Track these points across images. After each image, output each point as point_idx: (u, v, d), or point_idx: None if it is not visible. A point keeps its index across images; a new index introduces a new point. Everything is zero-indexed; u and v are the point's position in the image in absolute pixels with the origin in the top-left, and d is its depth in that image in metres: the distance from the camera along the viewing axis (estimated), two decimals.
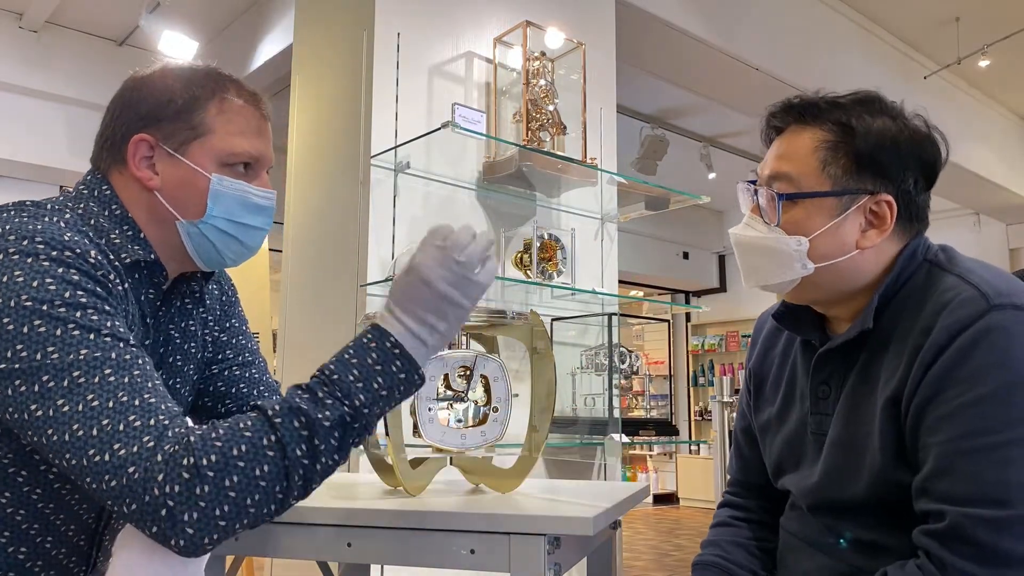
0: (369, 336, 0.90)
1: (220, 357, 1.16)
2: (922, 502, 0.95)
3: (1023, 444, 0.90)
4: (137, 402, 0.80)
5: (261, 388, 1.17)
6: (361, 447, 1.25)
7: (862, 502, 1.03)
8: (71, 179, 5.43)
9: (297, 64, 2.87)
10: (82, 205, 0.98)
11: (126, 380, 0.81)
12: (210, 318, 1.14)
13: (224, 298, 1.21)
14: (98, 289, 0.87)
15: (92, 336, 0.82)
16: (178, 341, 1.07)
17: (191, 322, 1.09)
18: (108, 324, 0.84)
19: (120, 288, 0.92)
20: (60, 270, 0.85)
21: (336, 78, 2.59)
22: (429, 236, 0.96)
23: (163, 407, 0.82)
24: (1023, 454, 0.89)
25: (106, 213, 0.98)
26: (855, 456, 1.03)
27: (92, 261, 0.88)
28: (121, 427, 0.78)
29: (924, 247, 1.08)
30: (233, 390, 1.15)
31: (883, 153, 1.05)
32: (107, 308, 0.86)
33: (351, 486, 1.29)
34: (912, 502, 0.97)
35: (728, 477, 1.37)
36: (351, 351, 0.89)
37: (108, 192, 1.00)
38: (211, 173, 1.00)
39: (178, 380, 1.07)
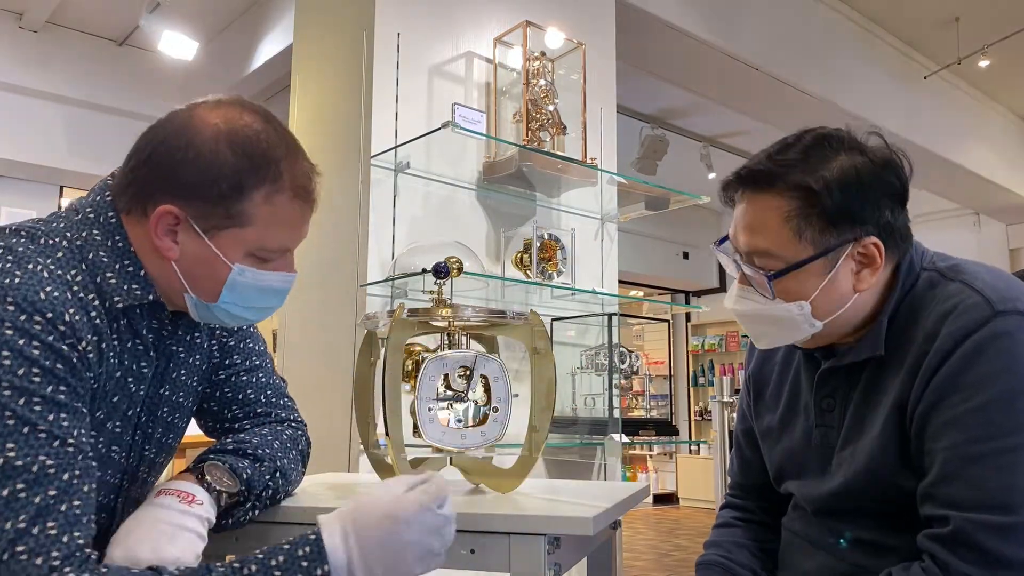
0: (306, 554, 0.83)
1: (227, 363, 1.13)
2: (927, 507, 0.96)
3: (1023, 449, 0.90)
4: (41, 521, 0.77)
5: (268, 392, 1.15)
6: (361, 447, 1.25)
7: (867, 506, 1.04)
8: (71, 179, 5.44)
9: (297, 64, 2.87)
10: (83, 233, 0.91)
11: (36, 496, 0.77)
12: (217, 326, 1.11)
13: None
14: (58, 366, 0.82)
15: (26, 431, 0.78)
16: (183, 355, 1.04)
17: (197, 334, 1.07)
18: (50, 417, 0.80)
19: (92, 352, 0.87)
20: (21, 342, 0.79)
21: (336, 78, 2.59)
22: (424, 497, 0.87)
23: (78, 527, 0.79)
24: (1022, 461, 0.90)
25: (108, 244, 0.92)
26: (863, 464, 1.03)
27: (62, 328, 0.82)
28: (34, 531, 0.76)
29: (920, 254, 1.09)
30: (240, 396, 1.13)
31: (852, 201, 1.02)
32: (61, 389, 0.82)
33: (351, 486, 1.30)
34: (916, 505, 0.98)
35: (729, 479, 1.38)
36: (280, 565, 0.82)
37: (114, 221, 0.93)
38: (234, 263, 0.93)
39: (181, 393, 1.05)
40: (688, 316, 9.37)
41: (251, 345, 1.16)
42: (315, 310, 2.53)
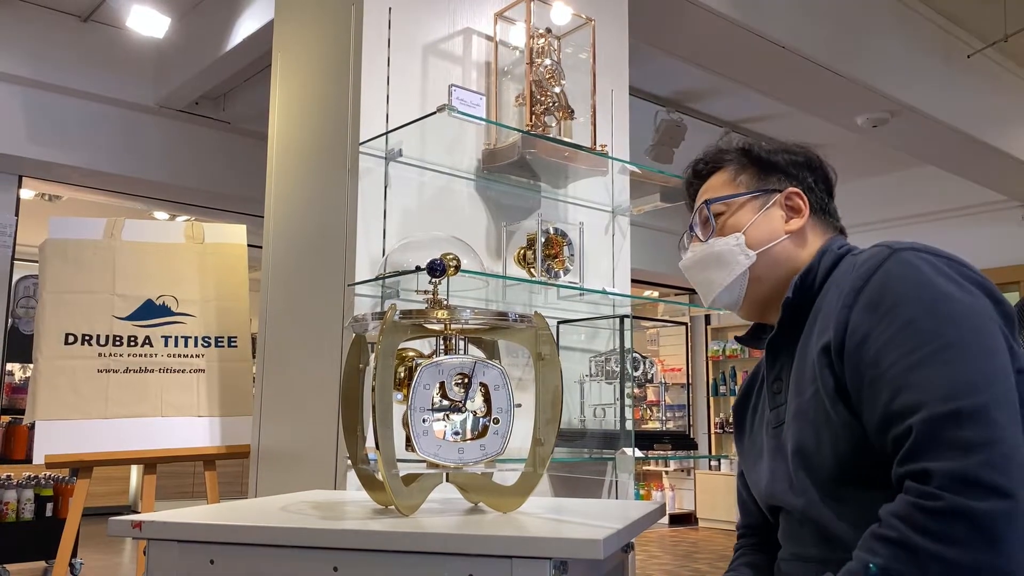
0: None
1: None
2: (885, 434, 1.03)
3: (959, 344, 1.02)
4: None
5: None
6: (349, 461, 1.25)
7: (830, 466, 1.12)
8: (31, 168, 5.45)
9: (278, 42, 2.88)
10: None
11: None
12: None
13: None
14: None
15: None
16: None
17: None
18: None
19: None
20: None
21: (321, 58, 2.59)
22: None
23: None
24: (961, 353, 1.01)
25: None
26: (806, 420, 1.15)
27: None
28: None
29: (841, 243, 1.30)
30: None
31: (778, 156, 1.36)
32: None
33: (338, 505, 1.30)
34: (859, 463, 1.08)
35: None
36: None
37: None
38: None
39: None
40: (708, 319, 9.36)
41: None
42: (298, 312, 2.53)
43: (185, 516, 1.11)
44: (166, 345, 2.98)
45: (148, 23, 4.73)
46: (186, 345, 3.01)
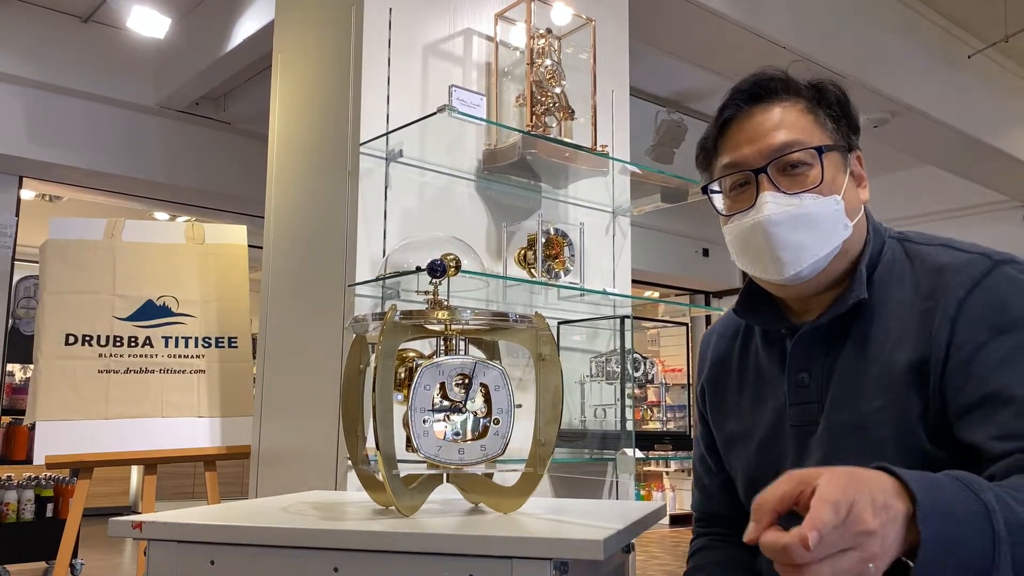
0: None
1: None
2: (999, 444, 0.95)
3: None
4: None
5: None
6: (349, 462, 1.26)
7: None
8: (31, 168, 5.45)
9: (279, 43, 2.88)
10: None
11: None
12: None
13: None
14: None
15: None
16: None
17: None
18: None
19: None
20: None
21: (322, 58, 2.59)
22: None
23: None
24: None
25: None
26: (865, 436, 1.05)
27: None
28: None
29: (882, 225, 1.18)
30: None
31: (846, 105, 1.15)
32: None
33: (338, 505, 1.30)
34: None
35: (694, 514, 1.40)
36: None
37: None
38: None
39: None
40: (708, 319, 9.35)
41: None
42: (299, 312, 2.53)
43: (185, 517, 1.11)
44: (166, 346, 2.99)
45: (148, 23, 4.73)
46: (186, 346, 3.02)
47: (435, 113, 2.26)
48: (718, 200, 1.19)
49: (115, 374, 2.89)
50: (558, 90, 2.57)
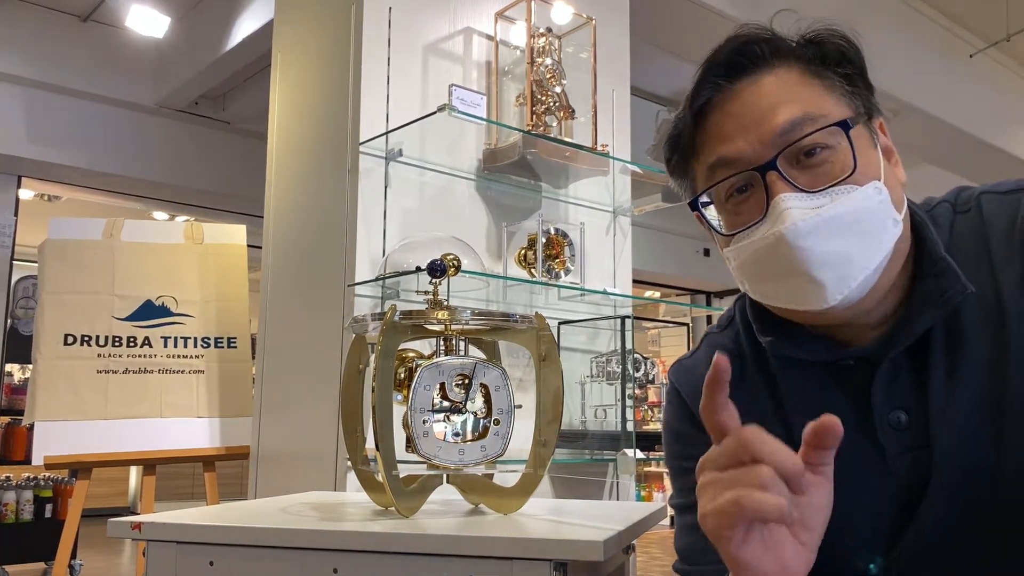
0: None
1: None
2: None
3: None
4: None
5: None
6: (349, 463, 1.25)
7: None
8: (29, 168, 5.45)
9: (278, 42, 2.88)
10: None
11: None
12: None
13: None
14: None
15: None
16: None
17: None
18: None
19: None
20: None
21: (321, 57, 2.59)
22: None
23: None
24: None
25: None
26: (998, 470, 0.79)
27: None
28: None
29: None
30: None
31: (860, 58, 0.87)
32: None
33: (338, 506, 1.30)
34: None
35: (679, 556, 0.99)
36: None
37: None
38: None
39: None
40: (709, 319, 9.35)
41: None
42: (298, 313, 2.53)
43: (185, 517, 1.11)
44: (165, 346, 2.98)
45: (148, 23, 4.73)
46: (185, 346, 3.01)
47: (435, 112, 2.26)
48: (712, 215, 0.90)
49: (114, 374, 2.89)
50: (558, 89, 2.57)
